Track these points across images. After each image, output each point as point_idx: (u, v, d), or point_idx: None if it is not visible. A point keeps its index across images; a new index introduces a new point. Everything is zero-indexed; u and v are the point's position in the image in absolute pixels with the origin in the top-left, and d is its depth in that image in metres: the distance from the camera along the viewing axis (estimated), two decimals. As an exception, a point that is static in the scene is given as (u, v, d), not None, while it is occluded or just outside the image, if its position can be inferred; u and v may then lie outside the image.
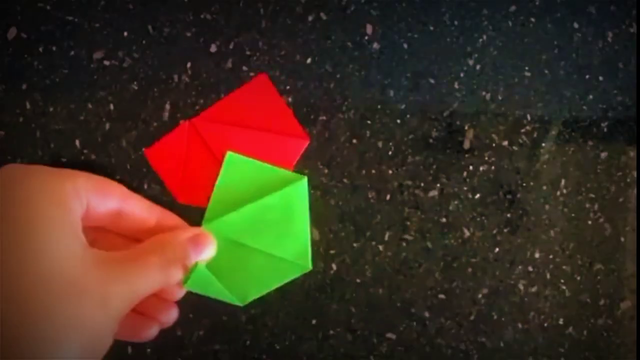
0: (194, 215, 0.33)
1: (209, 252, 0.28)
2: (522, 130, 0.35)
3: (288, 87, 0.35)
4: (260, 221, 0.33)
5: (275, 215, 0.33)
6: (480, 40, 0.35)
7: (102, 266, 0.21)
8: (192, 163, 0.34)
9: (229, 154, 0.34)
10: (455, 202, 0.35)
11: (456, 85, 0.35)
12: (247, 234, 0.33)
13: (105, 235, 0.27)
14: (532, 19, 0.35)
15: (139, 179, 0.34)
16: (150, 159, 0.34)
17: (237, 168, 0.34)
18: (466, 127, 0.35)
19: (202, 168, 0.34)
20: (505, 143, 0.35)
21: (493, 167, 0.35)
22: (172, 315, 0.29)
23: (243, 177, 0.34)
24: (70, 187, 0.22)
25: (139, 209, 0.27)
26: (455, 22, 0.35)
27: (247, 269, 0.33)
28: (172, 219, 0.29)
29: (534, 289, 0.35)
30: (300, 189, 0.34)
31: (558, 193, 0.35)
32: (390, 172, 0.35)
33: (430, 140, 0.35)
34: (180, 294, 0.29)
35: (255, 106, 0.34)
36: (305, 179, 0.34)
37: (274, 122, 0.34)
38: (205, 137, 0.34)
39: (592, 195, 0.35)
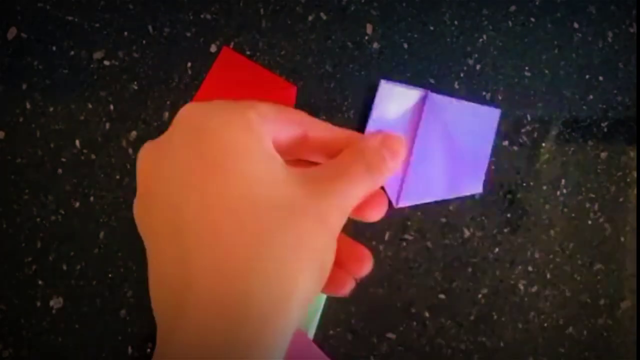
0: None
1: (401, 155, 0.26)
2: (522, 130, 0.35)
3: (288, 87, 0.35)
4: None
5: None
6: (480, 40, 0.35)
7: (309, 184, 0.21)
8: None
9: None
10: (456, 202, 0.35)
11: (456, 85, 0.35)
12: None
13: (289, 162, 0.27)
14: (532, 19, 0.35)
15: (139, 179, 0.34)
16: None
17: None
18: (466, 127, 0.35)
19: None
20: (506, 143, 0.35)
21: (493, 167, 0.35)
22: (366, 265, 0.27)
23: None
24: (254, 115, 0.21)
25: (324, 133, 0.25)
26: (455, 22, 0.35)
27: None
28: (354, 135, 0.27)
29: (534, 289, 0.35)
30: None
31: (558, 193, 0.35)
32: (390, 172, 0.35)
33: (430, 140, 0.35)
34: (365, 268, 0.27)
35: (232, 80, 0.34)
36: None
37: (256, 86, 0.34)
38: None
39: (592, 195, 0.35)
